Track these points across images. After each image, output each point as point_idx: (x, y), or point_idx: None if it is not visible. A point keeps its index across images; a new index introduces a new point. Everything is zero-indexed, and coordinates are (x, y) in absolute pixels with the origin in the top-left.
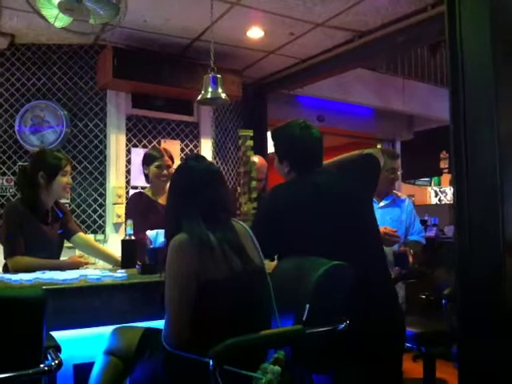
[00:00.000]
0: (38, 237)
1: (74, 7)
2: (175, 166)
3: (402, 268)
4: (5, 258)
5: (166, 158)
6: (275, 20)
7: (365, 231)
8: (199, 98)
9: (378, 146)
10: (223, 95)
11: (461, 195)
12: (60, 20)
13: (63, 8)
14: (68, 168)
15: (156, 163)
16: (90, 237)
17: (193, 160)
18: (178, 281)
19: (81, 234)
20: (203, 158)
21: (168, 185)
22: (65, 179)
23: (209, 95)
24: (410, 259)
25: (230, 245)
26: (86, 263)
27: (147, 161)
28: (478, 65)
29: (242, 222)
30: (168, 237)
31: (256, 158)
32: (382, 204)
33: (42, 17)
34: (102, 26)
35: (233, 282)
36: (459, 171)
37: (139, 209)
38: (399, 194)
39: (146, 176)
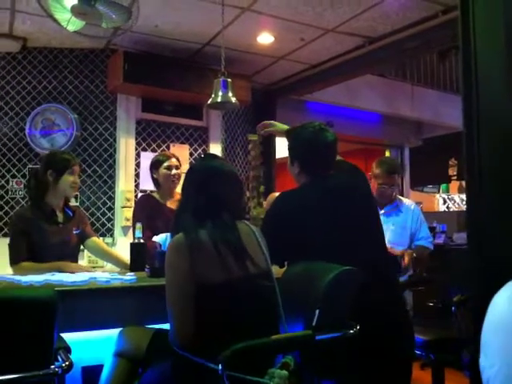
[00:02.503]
0: (47, 238)
1: (86, 11)
2: (183, 169)
3: (397, 271)
4: (10, 265)
5: (174, 159)
6: (285, 26)
7: (371, 236)
8: (209, 101)
9: (387, 154)
10: (233, 99)
11: (473, 200)
12: (72, 24)
13: (76, 12)
14: (76, 168)
15: (165, 164)
16: (101, 241)
17: (199, 159)
18: (175, 280)
19: (94, 238)
20: (213, 156)
21: (177, 188)
22: (71, 178)
23: (219, 99)
24: (405, 262)
25: (228, 246)
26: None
27: (156, 165)
28: (491, 68)
29: (249, 224)
30: (172, 235)
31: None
32: (382, 211)
33: (55, 20)
34: (113, 30)
35: (231, 285)
36: (472, 176)
37: (146, 211)
38: (404, 200)
39: (155, 181)
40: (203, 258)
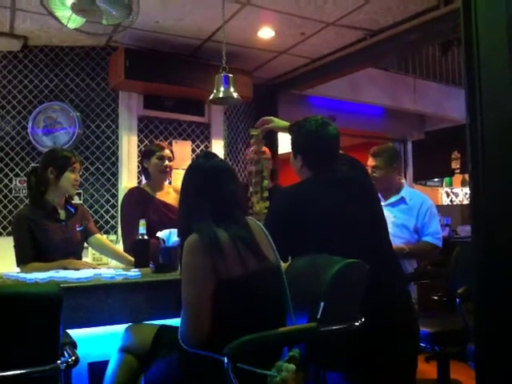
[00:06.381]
0: (49, 236)
1: (86, 8)
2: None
3: None
4: (18, 266)
5: (167, 150)
6: (286, 20)
7: (375, 230)
8: (211, 97)
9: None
10: (235, 95)
11: (477, 192)
12: (73, 21)
13: (76, 9)
14: (77, 165)
15: (157, 154)
16: (105, 237)
17: (202, 157)
18: (194, 281)
19: (98, 235)
20: (213, 155)
21: (168, 181)
22: (73, 176)
23: (221, 94)
24: None
25: (244, 242)
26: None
27: (147, 154)
28: (494, 57)
29: (256, 220)
30: (181, 236)
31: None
32: (385, 202)
33: (56, 18)
34: (114, 27)
35: (248, 281)
36: (475, 167)
37: (139, 206)
38: (414, 192)
39: (146, 171)
40: (223, 256)
